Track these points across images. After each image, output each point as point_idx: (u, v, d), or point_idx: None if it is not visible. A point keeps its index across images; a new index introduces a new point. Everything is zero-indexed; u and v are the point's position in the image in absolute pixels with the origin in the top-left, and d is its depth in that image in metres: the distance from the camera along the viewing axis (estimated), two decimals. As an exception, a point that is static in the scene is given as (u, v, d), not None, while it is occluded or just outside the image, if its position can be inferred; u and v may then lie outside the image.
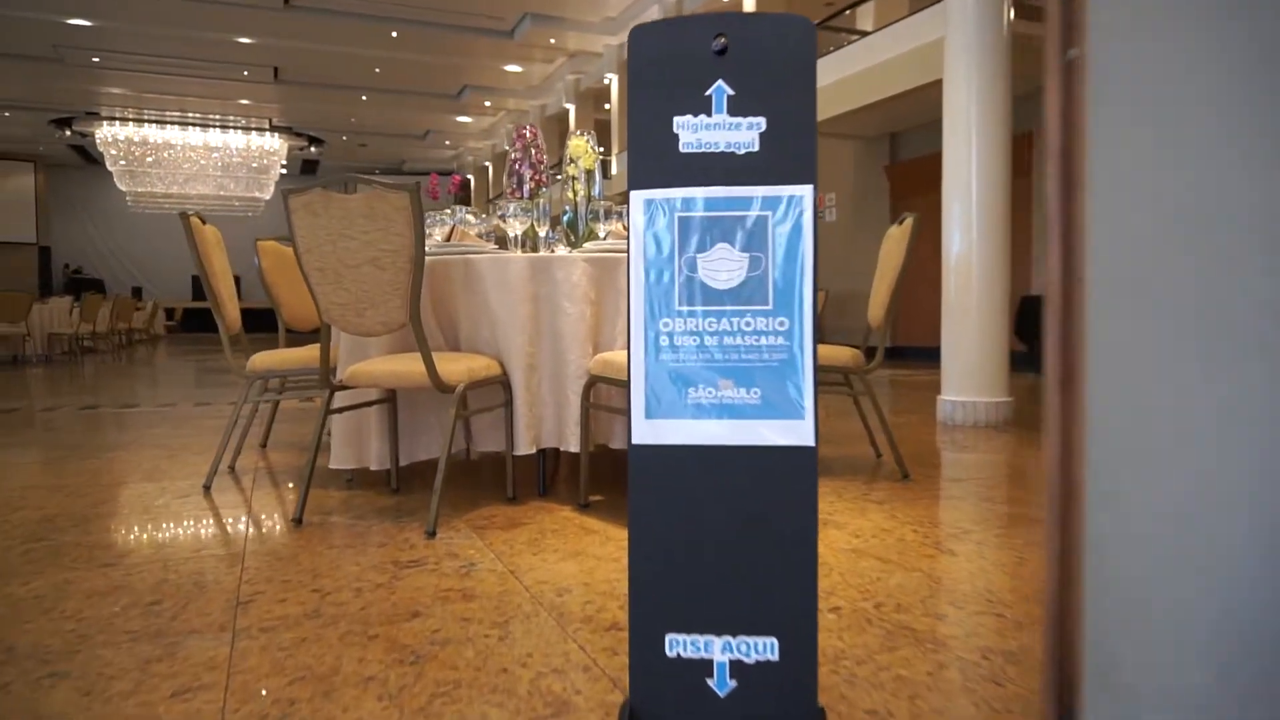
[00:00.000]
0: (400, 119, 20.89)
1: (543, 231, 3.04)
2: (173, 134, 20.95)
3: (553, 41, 15.67)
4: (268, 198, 23.14)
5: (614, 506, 2.71)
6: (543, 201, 3.04)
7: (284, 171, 23.38)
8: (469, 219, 3.11)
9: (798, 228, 1.01)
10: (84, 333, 12.51)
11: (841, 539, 2.30)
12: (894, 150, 11.28)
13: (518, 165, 3.61)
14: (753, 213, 1.03)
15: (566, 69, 16.91)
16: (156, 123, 20.61)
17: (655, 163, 1.06)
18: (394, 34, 14.98)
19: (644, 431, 1.11)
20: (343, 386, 2.56)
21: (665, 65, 1.07)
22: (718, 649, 1.10)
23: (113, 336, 14.63)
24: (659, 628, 1.12)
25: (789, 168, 1.03)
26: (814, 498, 1.07)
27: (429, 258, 2.77)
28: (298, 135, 22.02)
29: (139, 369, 10.89)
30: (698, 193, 1.04)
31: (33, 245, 24.32)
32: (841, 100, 9.56)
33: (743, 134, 1.03)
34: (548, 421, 2.76)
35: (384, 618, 1.71)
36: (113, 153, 21.12)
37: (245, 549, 2.23)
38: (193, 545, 2.27)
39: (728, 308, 1.03)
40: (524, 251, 3.08)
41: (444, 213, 3.24)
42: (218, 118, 20.62)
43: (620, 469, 3.08)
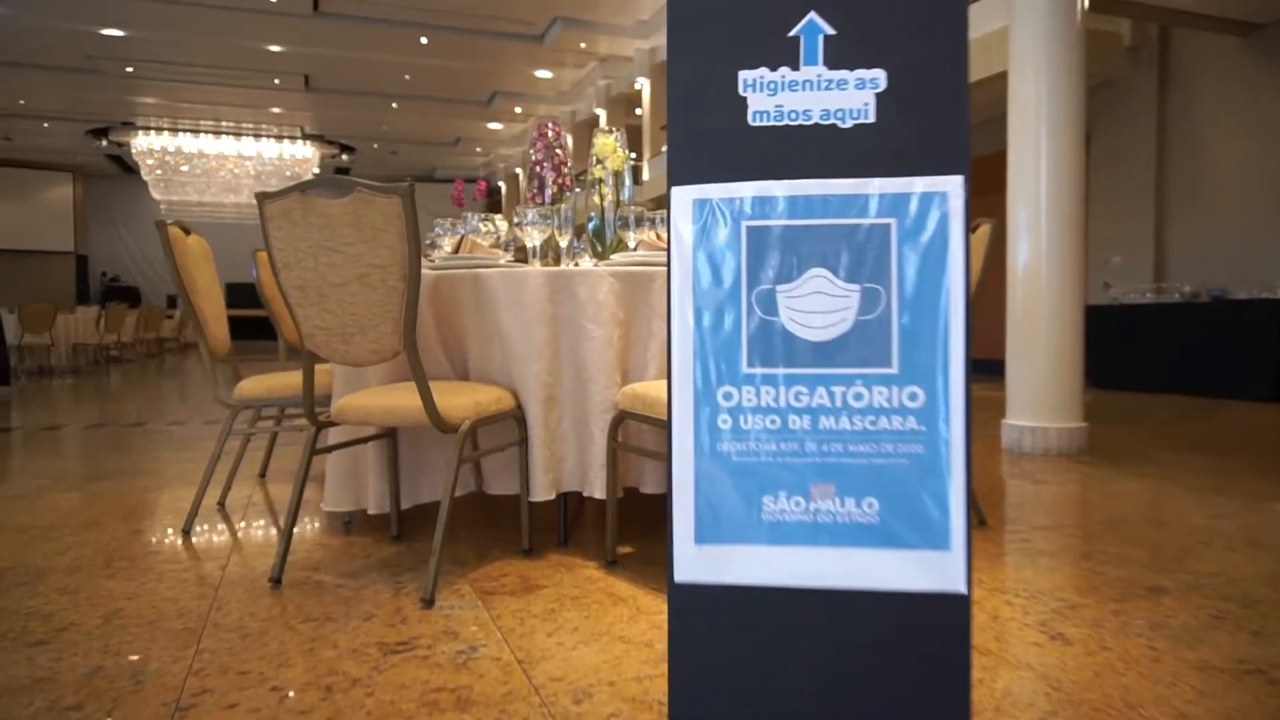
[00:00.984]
0: (431, 126, 20.73)
1: (565, 241, 2.67)
2: (206, 143, 20.98)
3: (583, 46, 15.37)
4: (300, 206, 23.08)
5: (646, 561, 2.32)
6: (565, 208, 2.67)
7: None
8: (480, 227, 2.74)
9: (940, 243, 0.63)
10: (109, 343, 12.39)
11: (922, 616, 1.89)
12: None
13: (539, 167, 3.24)
14: (867, 220, 0.64)
15: (597, 74, 16.60)
16: (190, 132, 20.64)
17: (709, 144, 0.67)
18: (424, 40, 14.77)
19: (693, 564, 0.71)
20: (331, 423, 2.20)
21: (725, -4, 0.68)
22: None
23: (140, 346, 14.55)
24: None
25: (926, 147, 0.64)
26: (965, 675, 0.67)
27: (434, 272, 2.40)
28: (329, 143, 21.97)
29: (160, 381, 10.70)
30: (778, 189, 0.66)
31: (71, 254, 24.52)
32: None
33: (850, 96, 0.65)
34: (569, 461, 2.38)
35: (351, 739, 1.33)
36: (148, 162, 21.20)
37: (207, 620, 1.88)
38: (147, 616, 1.92)
39: (826, 371, 0.65)
40: (545, 264, 2.71)
41: (453, 221, 2.88)
42: (250, 126, 20.61)
43: (654, 513, 2.70)
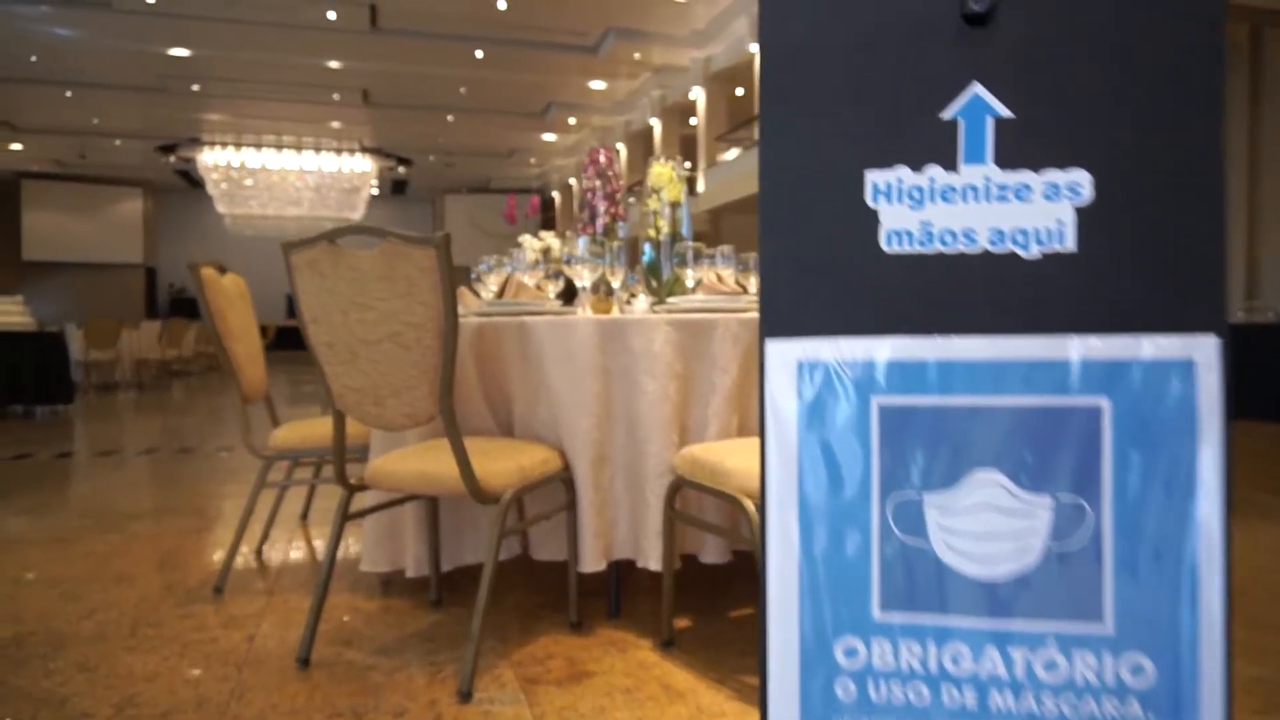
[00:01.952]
0: (486, 138, 20.80)
1: (617, 281, 2.47)
2: (268, 157, 21.35)
3: (637, 57, 15.22)
4: (358, 217, 23.41)
5: (706, 640, 2.10)
6: (618, 245, 2.46)
7: (375, 192, 23.66)
8: (526, 257, 2.55)
9: (1182, 436, 0.40)
10: (170, 357, 12.61)
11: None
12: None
13: (590, 196, 3.05)
14: (1064, 399, 0.43)
15: (651, 84, 16.43)
16: (253, 147, 21.04)
17: (820, 278, 0.46)
18: (479, 54, 14.79)
19: None
20: (362, 487, 2.03)
21: (840, 51, 0.47)
22: None
23: (200, 360, 14.80)
24: None
25: (1157, 289, 0.41)
26: None
27: (476, 320, 2.22)
28: (387, 156, 22.20)
29: (214, 396, 10.81)
30: (926, 349, 0.45)
31: (140, 267, 25.22)
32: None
33: (1037, 211, 0.44)
34: (621, 527, 2.17)
35: None
36: (213, 177, 21.68)
37: (226, 713, 1.71)
38: (163, 704, 1.76)
39: (1002, 624, 0.43)
40: (596, 298, 2.51)
41: (498, 258, 2.70)
42: (310, 141, 20.93)
43: (715, 584, 2.47)
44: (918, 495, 0.46)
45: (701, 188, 14.94)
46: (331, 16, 13.26)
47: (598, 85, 16.78)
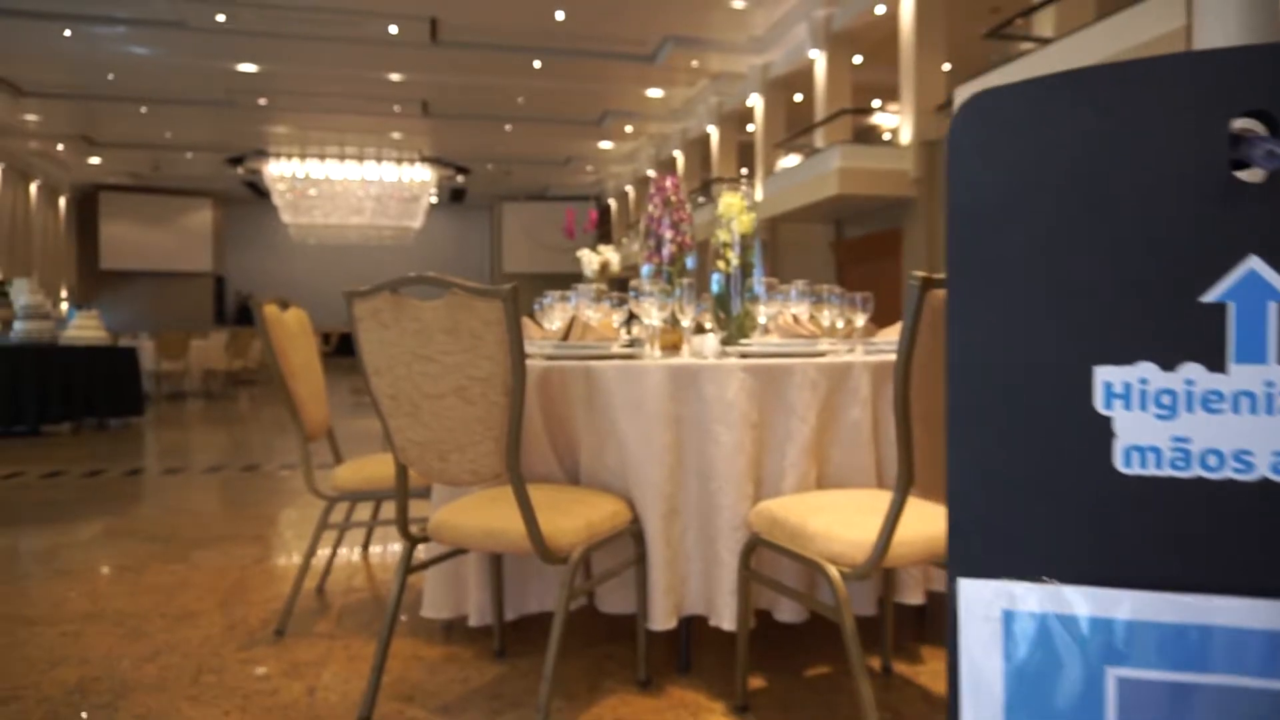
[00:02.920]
0: (543, 146, 20.91)
1: (687, 319, 2.36)
2: (331, 168, 21.77)
3: (695, 64, 15.12)
4: (417, 226, 23.77)
5: (782, 703, 1.98)
6: (688, 282, 2.36)
7: (434, 200, 23.97)
8: (590, 313, 2.46)
9: None
10: (237, 367, 12.89)
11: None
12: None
13: (656, 224, 2.96)
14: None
15: (709, 91, 16.32)
16: (317, 158, 21.47)
17: (1032, 503, 0.35)
18: (537, 64, 14.85)
19: None
20: (424, 539, 1.96)
21: (1059, 213, 0.36)
22: None
23: (264, 369, 15.10)
24: None
25: None
26: None
27: (542, 364, 2.14)
28: (446, 165, 22.47)
29: (279, 407, 10.98)
30: (1182, 609, 0.33)
31: (209, 275, 25.96)
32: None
33: None
34: (692, 582, 2.07)
35: None
36: (279, 187, 22.20)
37: (285, 782, 1.65)
38: (222, 768, 1.71)
39: None
40: (665, 331, 2.41)
41: (561, 294, 2.61)
42: (372, 151, 21.29)
43: (789, 641, 2.35)
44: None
45: (759, 196, 14.75)
46: (393, 30, 13.45)
47: (654, 93, 16.73)
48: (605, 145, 20.93)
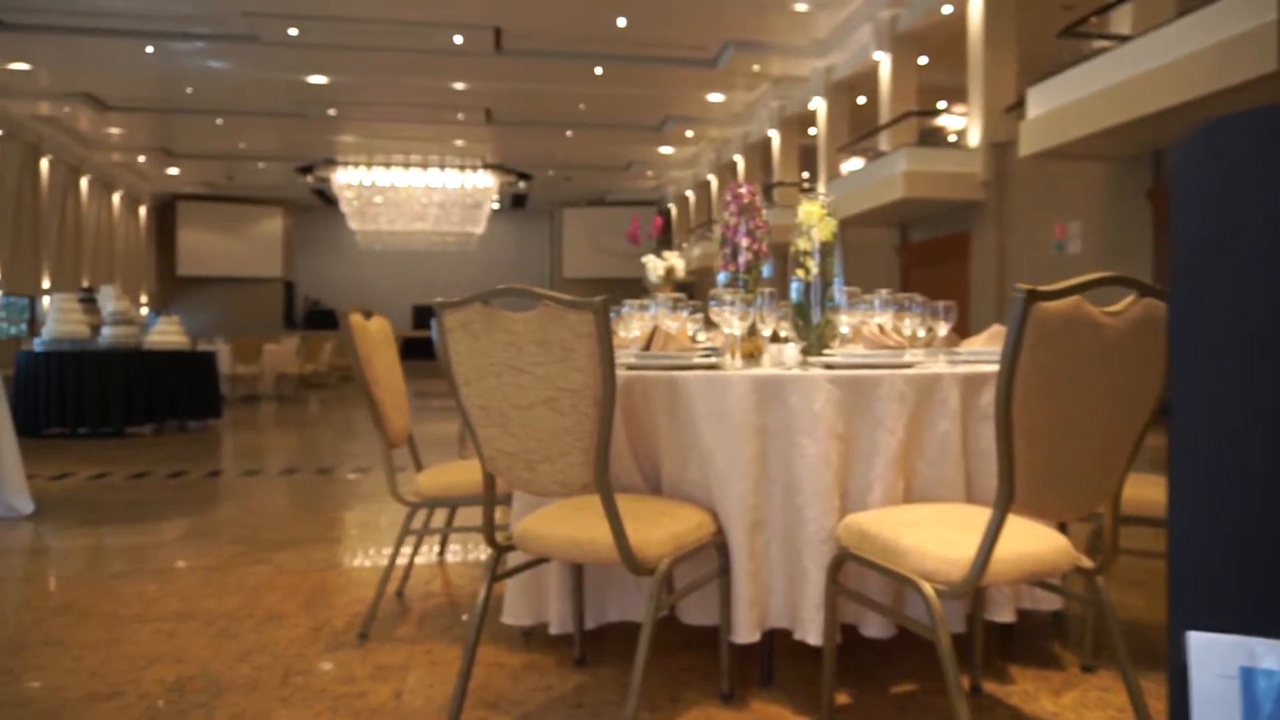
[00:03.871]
0: (603, 152, 21.03)
1: (768, 328, 2.34)
2: (396, 175, 22.21)
3: (756, 68, 15.05)
4: (480, 232, 24.10)
5: (871, 718, 1.95)
6: (769, 291, 2.34)
7: (496, 206, 24.29)
8: (668, 322, 2.45)
9: None
10: (308, 371, 13.22)
11: None
12: (1159, 172, 9.65)
13: (731, 232, 2.94)
14: None
15: (770, 95, 16.22)
16: (383, 165, 21.92)
17: (1269, 550, 0.33)
18: (598, 70, 14.94)
19: None
20: (510, 548, 1.97)
21: None
22: None
23: (334, 372, 15.47)
24: None
25: None
26: None
27: (625, 374, 2.14)
28: (508, 172, 22.75)
29: (347, 410, 11.24)
30: None
31: (279, 281, 26.71)
32: (1088, 119, 8.19)
33: None
34: (776, 595, 2.04)
35: None
36: (347, 194, 22.74)
37: (378, 786, 1.68)
38: (317, 770, 1.75)
39: None
40: (746, 339, 2.38)
41: (641, 302, 2.61)
42: (436, 159, 21.66)
43: (874, 655, 2.30)
44: None
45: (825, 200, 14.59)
46: (458, 40, 13.67)
47: (715, 98, 16.69)
48: (665, 150, 20.95)
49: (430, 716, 1.99)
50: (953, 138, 15.98)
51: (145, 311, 21.52)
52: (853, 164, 14.73)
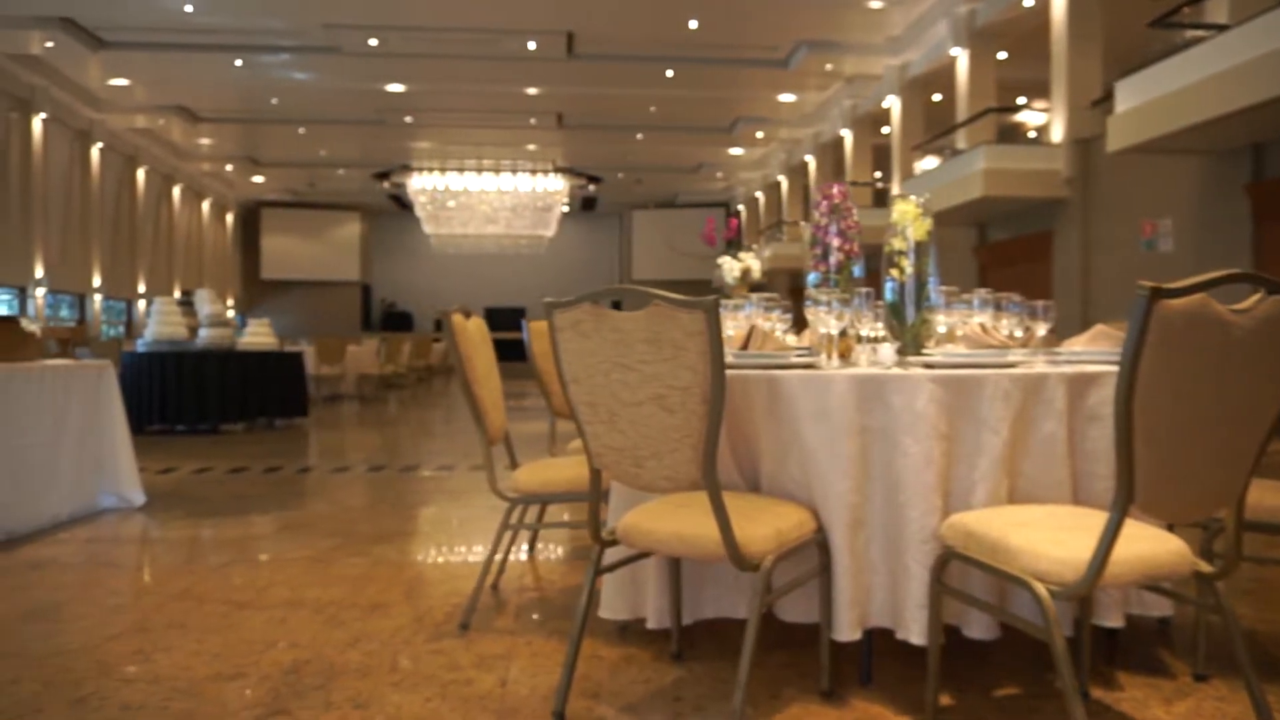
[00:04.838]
0: (673, 154, 21.11)
1: (866, 328, 2.34)
2: (469, 180, 22.66)
3: (829, 67, 14.92)
4: (550, 234, 24.42)
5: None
6: (867, 291, 2.34)
7: (565, 209, 24.57)
8: (762, 324, 2.47)
9: None
10: (388, 371, 13.59)
11: None
12: (1258, 165, 9.24)
13: (822, 233, 2.94)
14: None
15: (843, 94, 16.06)
16: (456, 170, 22.39)
17: None
18: (669, 73, 15.01)
19: None
20: (614, 542, 2.02)
21: None
22: None
23: (412, 373, 15.85)
24: None
25: None
26: None
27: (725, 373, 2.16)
28: (578, 175, 23.01)
29: (428, 410, 11.52)
30: None
31: (356, 284, 27.51)
32: (1183, 112, 7.89)
33: None
34: (877, 594, 2.05)
35: None
36: (421, 199, 23.32)
37: (492, 769, 1.74)
38: (433, 752, 1.82)
39: None
40: (843, 340, 2.39)
41: (735, 303, 2.64)
42: (508, 163, 22.04)
43: (975, 656, 2.28)
44: None
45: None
46: (531, 46, 13.89)
47: (787, 98, 16.60)
48: (735, 151, 20.92)
49: (536, 705, 2.05)
50: (1031, 134, 15.57)
51: (231, 314, 22.39)
52: (927, 163, 14.48)
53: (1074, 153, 10.67)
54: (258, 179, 23.48)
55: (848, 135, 16.65)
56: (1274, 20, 7.04)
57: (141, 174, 19.27)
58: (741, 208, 24.25)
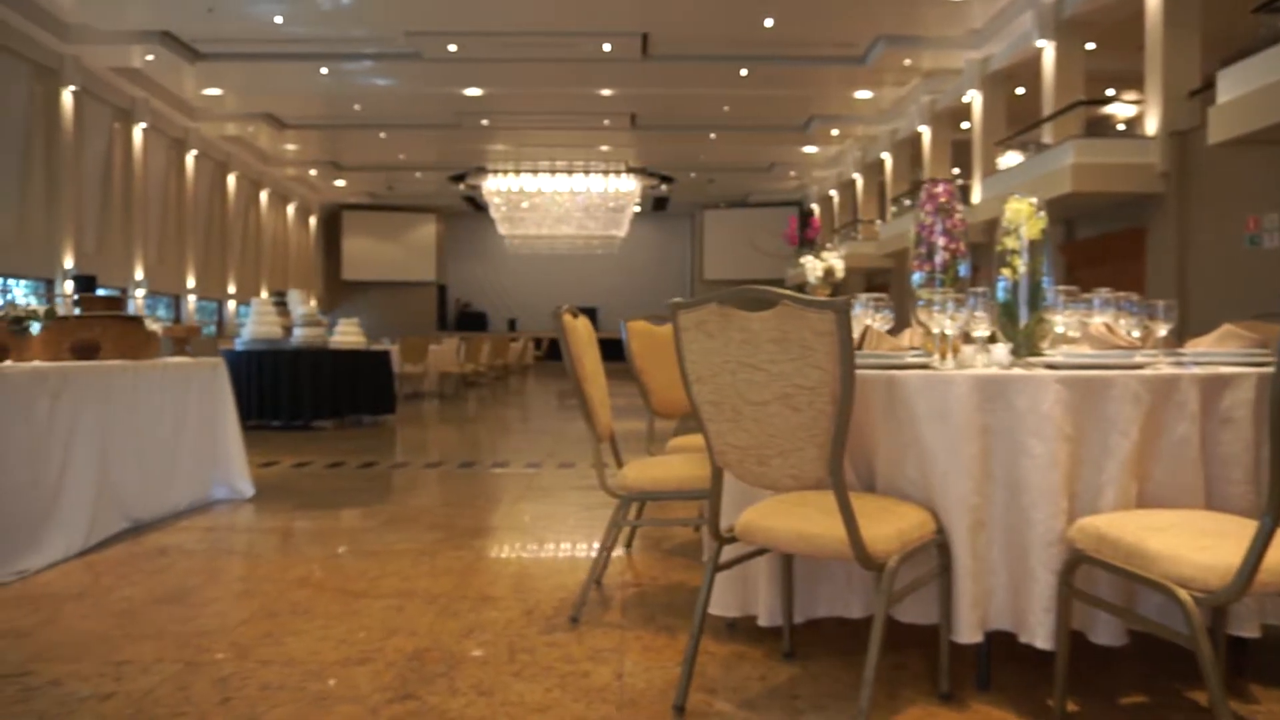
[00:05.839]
0: (746, 153, 21.01)
1: (982, 329, 2.32)
2: (543, 181, 22.92)
3: (907, 63, 14.66)
4: (622, 235, 24.55)
5: (1099, 731, 1.90)
6: (982, 291, 2.32)
7: (638, 209, 24.66)
8: (873, 323, 2.46)
9: None
10: (468, 370, 13.87)
11: None
12: (1374, 154, 8.75)
13: (927, 231, 2.91)
14: None
15: (921, 89, 15.74)
16: (530, 172, 22.67)
17: None
18: (743, 72, 14.95)
19: None
20: (733, 539, 2.05)
21: None
22: None
23: (490, 372, 16.15)
24: None
25: None
26: None
27: (838, 372, 2.17)
28: (650, 175, 23.07)
29: (507, 409, 11.71)
30: None
31: (433, 284, 28.11)
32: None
33: None
34: (998, 596, 2.02)
35: None
36: (496, 201, 23.68)
37: (621, 759, 1.78)
38: (561, 740, 1.88)
39: None
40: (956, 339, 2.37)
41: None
42: (581, 164, 22.23)
43: (1100, 663, 2.24)
44: None
45: (977, 198, 14.04)
46: (606, 48, 13.99)
47: (863, 95, 16.36)
48: (809, 150, 20.70)
49: (654, 698, 2.09)
50: (1121, 126, 15.02)
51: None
52: (1010, 158, 14.09)
53: (1170, 145, 10.26)
54: (339, 183, 24.18)
55: (925, 132, 16.32)
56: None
57: (231, 179, 20.05)
58: (815, 206, 23.98)
